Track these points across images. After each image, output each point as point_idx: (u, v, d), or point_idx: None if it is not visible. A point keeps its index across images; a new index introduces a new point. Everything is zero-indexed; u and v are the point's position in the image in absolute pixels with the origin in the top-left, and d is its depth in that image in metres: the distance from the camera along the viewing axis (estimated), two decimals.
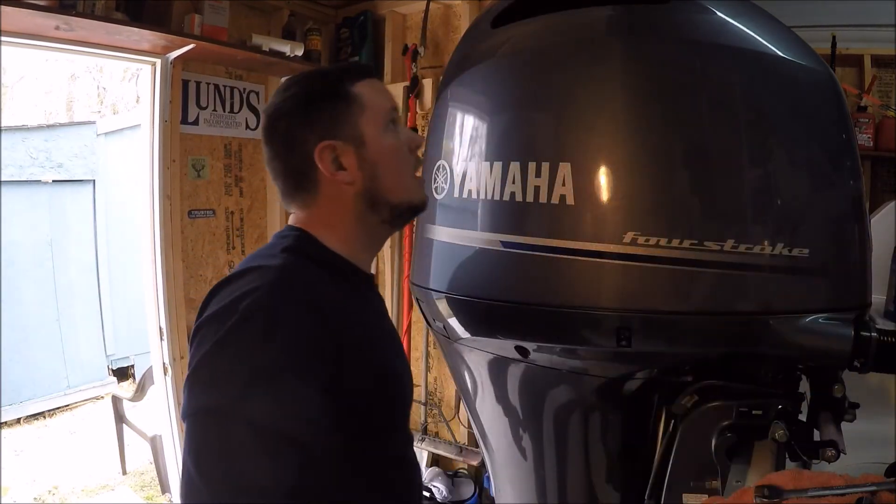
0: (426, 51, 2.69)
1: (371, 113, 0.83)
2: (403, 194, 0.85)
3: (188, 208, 2.51)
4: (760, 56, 0.83)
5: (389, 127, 0.84)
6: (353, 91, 0.83)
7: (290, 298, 0.71)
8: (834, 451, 0.74)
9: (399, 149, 0.85)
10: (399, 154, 0.85)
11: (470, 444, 2.71)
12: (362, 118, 0.83)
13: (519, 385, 1.03)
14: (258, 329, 0.67)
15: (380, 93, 0.86)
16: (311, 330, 0.70)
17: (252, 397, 0.65)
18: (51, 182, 4.70)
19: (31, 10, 1.80)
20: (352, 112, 0.82)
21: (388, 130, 0.84)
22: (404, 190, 0.85)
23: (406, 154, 0.86)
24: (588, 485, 1.03)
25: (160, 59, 2.34)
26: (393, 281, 2.89)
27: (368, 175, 0.83)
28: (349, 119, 0.82)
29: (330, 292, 0.78)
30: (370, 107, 0.83)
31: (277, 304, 0.70)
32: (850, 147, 0.86)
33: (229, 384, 0.66)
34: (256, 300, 0.69)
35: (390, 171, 0.84)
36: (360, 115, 0.83)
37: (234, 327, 0.68)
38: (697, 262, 0.77)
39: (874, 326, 0.78)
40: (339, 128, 0.82)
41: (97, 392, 4.79)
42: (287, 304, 0.70)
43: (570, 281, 0.83)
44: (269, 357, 0.67)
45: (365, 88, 0.84)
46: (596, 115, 0.84)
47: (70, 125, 4.99)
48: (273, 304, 0.70)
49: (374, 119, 0.83)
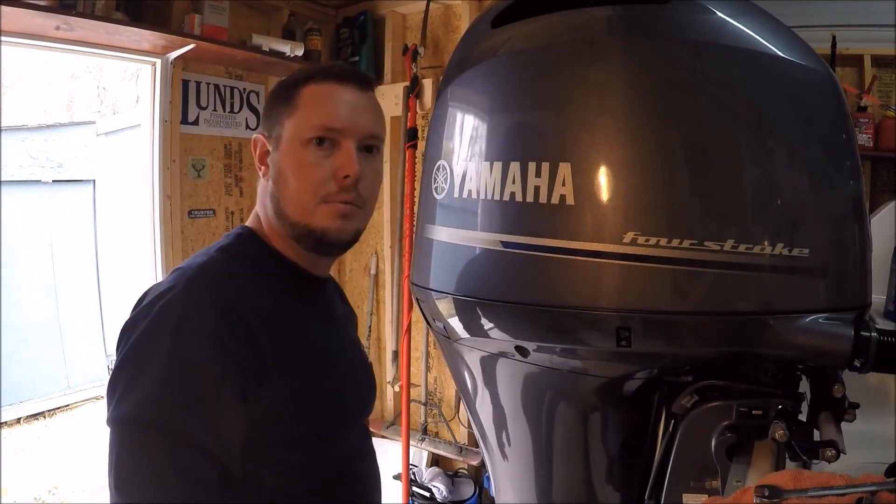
0: (426, 51, 2.70)
1: (296, 119, 0.79)
2: (301, 215, 0.79)
3: (188, 208, 2.51)
4: (760, 56, 0.83)
5: (310, 144, 0.78)
6: (299, 92, 0.80)
7: (201, 300, 0.68)
8: (834, 451, 0.74)
9: (307, 167, 0.77)
10: (305, 172, 0.78)
11: (470, 444, 2.72)
12: (288, 120, 0.79)
13: (519, 385, 1.03)
14: (169, 333, 0.65)
15: (324, 103, 0.79)
16: (223, 334, 0.66)
17: (164, 406, 0.63)
18: (51, 182, 4.70)
19: (31, 10, 1.80)
20: (284, 111, 0.80)
21: (308, 145, 0.78)
22: (302, 210, 0.78)
23: (316, 178, 0.78)
24: (588, 485, 1.03)
25: (160, 59, 2.34)
26: (393, 281, 2.89)
27: (273, 180, 0.80)
28: (280, 117, 0.80)
29: (254, 295, 0.74)
30: (299, 112, 0.79)
31: (189, 307, 0.67)
32: (850, 147, 0.86)
33: (138, 392, 0.64)
34: (169, 301, 0.68)
35: (290, 184, 0.78)
36: (287, 116, 0.80)
37: (145, 331, 0.66)
38: (697, 262, 0.77)
39: (874, 326, 0.78)
40: (271, 123, 0.81)
41: (97, 392, 4.78)
42: (198, 306, 0.68)
43: (569, 281, 0.83)
44: (179, 363, 0.64)
45: (312, 93, 0.80)
46: (596, 115, 0.84)
47: (70, 125, 5.00)
48: (185, 306, 0.67)
49: (295, 125, 0.79)
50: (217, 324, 0.67)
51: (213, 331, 0.66)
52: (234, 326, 0.68)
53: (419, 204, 1.08)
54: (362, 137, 0.81)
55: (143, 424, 0.63)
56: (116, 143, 4.74)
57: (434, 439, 2.86)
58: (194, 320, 0.66)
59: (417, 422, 2.90)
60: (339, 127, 0.79)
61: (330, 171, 0.78)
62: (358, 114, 0.81)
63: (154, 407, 0.63)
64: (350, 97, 0.81)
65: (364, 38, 2.90)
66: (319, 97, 0.79)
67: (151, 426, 0.63)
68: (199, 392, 0.64)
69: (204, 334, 0.66)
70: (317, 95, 0.80)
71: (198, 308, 0.68)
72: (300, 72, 0.83)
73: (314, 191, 0.78)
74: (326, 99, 0.80)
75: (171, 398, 0.63)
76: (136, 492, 0.62)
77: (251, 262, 0.79)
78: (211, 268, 0.75)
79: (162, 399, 0.63)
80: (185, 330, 0.65)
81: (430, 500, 2.67)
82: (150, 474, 0.62)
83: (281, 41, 2.57)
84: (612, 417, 0.99)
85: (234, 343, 0.67)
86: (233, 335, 0.67)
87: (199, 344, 0.65)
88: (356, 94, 0.82)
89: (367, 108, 0.83)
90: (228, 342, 0.66)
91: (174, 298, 0.68)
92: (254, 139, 0.83)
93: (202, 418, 0.64)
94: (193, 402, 0.64)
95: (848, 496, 0.55)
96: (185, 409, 0.63)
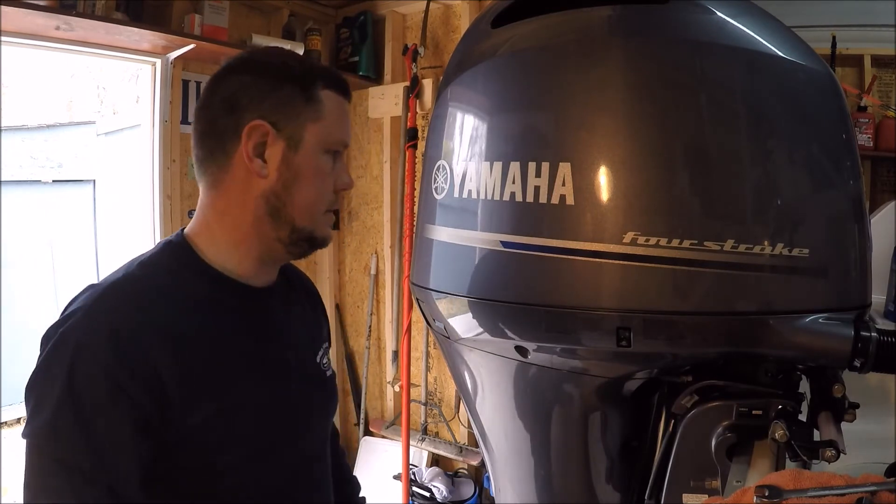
0: (426, 51, 2.70)
1: (323, 127, 0.77)
2: (308, 221, 0.79)
3: (188, 208, 2.51)
4: (760, 56, 0.83)
5: (328, 154, 0.79)
6: (320, 94, 0.77)
7: (100, 329, 0.66)
8: (834, 451, 0.73)
9: (325, 177, 0.79)
10: (323, 182, 0.79)
11: (470, 444, 2.72)
12: (313, 125, 0.77)
13: (519, 385, 1.03)
14: (65, 361, 0.64)
15: (342, 117, 0.81)
16: (117, 369, 0.65)
17: (60, 439, 0.64)
18: (51, 182, 4.69)
19: (31, 10, 1.80)
20: (306, 112, 0.76)
21: (326, 155, 0.79)
22: (311, 217, 0.79)
23: (328, 188, 0.80)
24: (588, 485, 1.03)
25: (160, 59, 2.34)
26: (393, 281, 2.89)
27: (284, 181, 0.76)
28: (299, 116, 0.76)
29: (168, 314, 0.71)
30: (326, 121, 0.78)
31: (85, 338, 0.66)
32: (850, 147, 0.86)
33: (40, 416, 0.65)
34: (69, 327, 0.67)
35: (307, 190, 0.77)
36: (311, 120, 0.77)
37: (47, 355, 0.67)
38: (697, 262, 0.77)
39: (874, 326, 0.78)
40: (285, 118, 0.75)
41: None
42: (96, 336, 0.66)
43: (570, 281, 0.83)
44: (73, 391, 0.64)
45: (332, 103, 0.79)
46: (596, 115, 0.84)
47: (70, 125, 4.99)
48: (81, 336, 0.66)
49: (321, 134, 0.77)
50: (112, 357, 0.65)
51: (107, 366, 0.65)
52: (130, 359, 0.66)
53: (419, 204, 1.08)
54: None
55: (43, 452, 0.65)
56: (116, 143, 4.74)
57: (434, 439, 2.86)
58: (89, 352, 0.65)
59: (417, 422, 2.90)
60: (348, 142, 0.83)
61: (332, 184, 0.81)
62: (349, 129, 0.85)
63: (52, 437, 0.64)
64: (348, 110, 0.85)
65: (364, 38, 2.90)
66: (338, 111, 0.81)
67: (50, 456, 0.64)
68: (93, 427, 0.64)
69: (97, 369, 0.65)
70: (336, 108, 0.80)
71: (95, 337, 0.66)
72: (309, 67, 0.80)
73: (324, 201, 0.81)
74: (343, 114, 0.82)
75: (66, 431, 0.64)
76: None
77: (172, 276, 0.76)
78: (122, 287, 0.73)
79: (59, 431, 0.64)
80: (78, 363, 0.65)
81: (430, 500, 2.67)
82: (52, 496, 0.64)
83: (281, 41, 2.57)
84: (612, 417, 0.99)
85: (128, 378, 0.65)
86: (128, 368, 0.66)
87: (92, 379, 0.65)
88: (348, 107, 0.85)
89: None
90: (122, 377, 0.65)
91: (73, 325, 0.67)
92: (251, 127, 0.74)
93: (97, 454, 0.64)
94: (88, 437, 0.64)
95: (848, 496, 0.55)
96: (79, 444, 0.64)
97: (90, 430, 0.64)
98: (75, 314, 0.69)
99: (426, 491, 2.68)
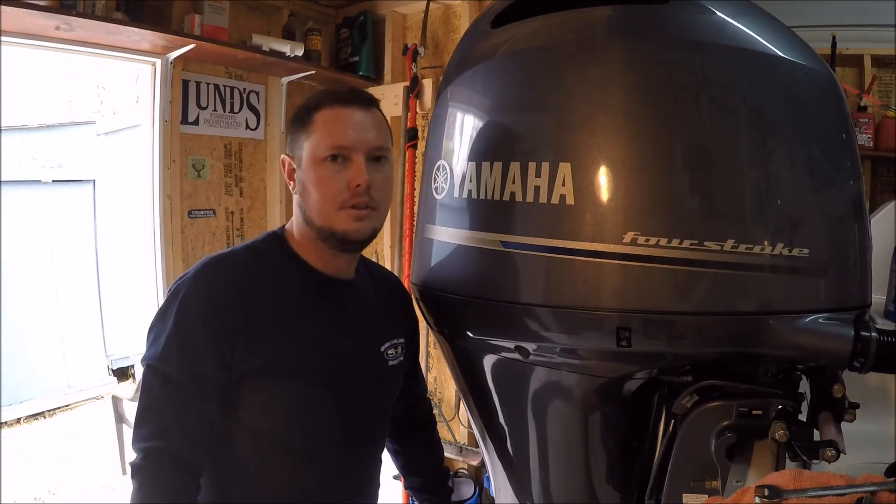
0: (426, 51, 2.69)
1: (312, 141, 0.93)
2: (324, 220, 0.93)
3: (188, 208, 2.51)
4: (760, 56, 0.83)
5: (328, 160, 0.91)
6: (313, 117, 0.93)
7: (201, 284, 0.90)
8: (834, 451, 0.74)
9: (327, 181, 0.92)
10: (324, 185, 0.92)
11: (470, 444, 2.72)
12: (306, 142, 0.93)
13: (519, 385, 1.03)
14: (174, 307, 0.88)
15: (333, 125, 0.92)
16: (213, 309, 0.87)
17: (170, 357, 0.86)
18: (51, 182, 4.70)
19: (31, 10, 1.80)
20: (302, 134, 0.94)
21: (324, 162, 0.91)
22: (324, 216, 0.93)
23: (334, 189, 0.91)
24: (588, 485, 1.03)
25: (160, 59, 2.33)
26: None
27: (300, 193, 0.96)
28: (299, 140, 0.95)
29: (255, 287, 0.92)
30: (315, 135, 0.92)
31: (192, 290, 0.89)
32: (850, 147, 0.86)
33: (156, 345, 0.87)
34: (182, 282, 0.90)
35: (313, 196, 0.93)
36: (305, 139, 0.94)
37: (166, 302, 0.90)
38: (697, 262, 0.77)
39: (874, 326, 0.78)
40: (294, 145, 0.96)
41: (97, 392, 4.78)
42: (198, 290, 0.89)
43: (570, 281, 0.83)
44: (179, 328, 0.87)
45: (324, 117, 0.93)
46: (596, 115, 0.84)
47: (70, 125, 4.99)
48: (189, 289, 0.89)
49: (311, 147, 0.93)
50: (207, 307, 0.88)
51: (203, 313, 0.88)
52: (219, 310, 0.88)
53: (419, 204, 1.08)
54: (370, 150, 0.94)
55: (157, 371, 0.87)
56: (116, 143, 4.74)
57: None
58: (191, 302, 0.88)
59: None
60: (347, 144, 0.92)
61: (345, 183, 0.91)
62: (364, 131, 0.93)
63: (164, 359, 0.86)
64: (356, 117, 0.94)
65: (364, 38, 2.89)
66: (330, 120, 0.93)
67: (161, 372, 0.86)
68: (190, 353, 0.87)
69: (196, 315, 0.88)
70: (328, 119, 0.93)
71: (196, 293, 0.89)
72: (313, 97, 0.96)
73: (332, 200, 0.92)
74: (336, 121, 0.93)
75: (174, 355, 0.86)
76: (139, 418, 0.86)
77: (265, 259, 0.97)
78: (226, 259, 0.95)
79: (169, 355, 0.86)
80: (184, 309, 0.88)
81: None
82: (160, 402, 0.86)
83: (281, 41, 2.56)
84: (612, 417, 0.99)
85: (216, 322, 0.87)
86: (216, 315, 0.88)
87: (192, 321, 0.87)
88: (361, 113, 0.94)
89: (372, 124, 0.95)
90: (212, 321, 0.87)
91: (185, 282, 0.90)
92: (281, 159, 0.99)
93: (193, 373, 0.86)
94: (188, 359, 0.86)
95: (848, 496, 0.55)
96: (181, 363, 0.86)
97: (188, 356, 0.86)
98: (188, 274, 0.92)
99: None
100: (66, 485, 3.50)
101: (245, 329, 0.88)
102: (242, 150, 2.76)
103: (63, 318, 4.71)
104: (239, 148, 2.75)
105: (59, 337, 4.68)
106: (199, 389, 0.86)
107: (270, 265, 0.96)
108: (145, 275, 2.45)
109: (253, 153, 2.79)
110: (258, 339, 0.89)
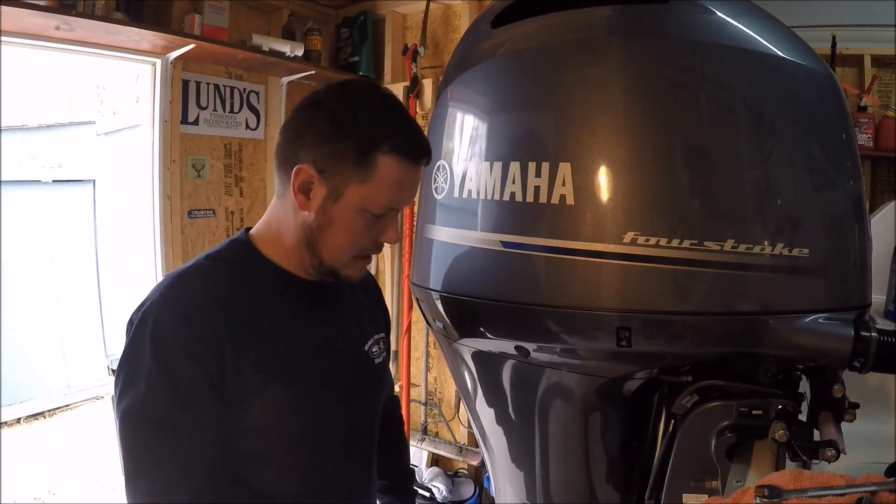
0: (426, 51, 2.70)
1: (367, 189, 0.79)
2: (336, 262, 0.86)
3: (188, 208, 2.51)
4: (760, 56, 0.83)
5: (367, 213, 0.81)
6: (376, 161, 0.78)
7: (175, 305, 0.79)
8: (834, 451, 0.74)
9: (358, 232, 0.83)
10: (354, 235, 0.83)
11: (470, 444, 2.72)
12: (357, 185, 0.79)
13: (519, 385, 1.03)
14: (148, 337, 0.76)
15: (398, 185, 0.80)
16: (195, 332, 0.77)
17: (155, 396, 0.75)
18: (51, 182, 4.69)
19: (31, 10, 1.80)
20: (354, 171, 0.79)
21: (366, 213, 0.81)
22: (338, 260, 0.85)
23: (361, 240, 0.84)
24: (588, 485, 1.03)
25: (160, 59, 2.33)
26: (393, 281, 2.89)
27: (319, 223, 0.82)
28: (347, 174, 0.79)
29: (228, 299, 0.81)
30: (373, 185, 0.79)
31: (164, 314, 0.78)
32: (850, 147, 0.86)
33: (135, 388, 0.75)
34: (148, 310, 0.79)
35: (337, 238, 0.83)
36: (357, 181, 0.79)
37: (132, 337, 0.79)
38: (697, 262, 0.77)
39: (874, 326, 0.78)
40: (332, 169, 0.79)
41: (97, 392, 4.77)
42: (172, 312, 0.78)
43: (570, 281, 0.83)
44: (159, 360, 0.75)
45: (390, 168, 0.79)
46: (596, 115, 0.84)
47: (70, 125, 4.99)
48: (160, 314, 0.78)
49: (363, 196, 0.80)
50: (187, 330, 0.78)
51: (184, 338, 0.77)
52: (200, 331, 0.78)
53: (419, 204, 1.08)
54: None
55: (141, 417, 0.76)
56: (116, 143, 4.74)
57: (434, 439, 2.86)
58: (167, 328, 0.77)
59: (417, 422, 2.90)
60: (399, 208, 0.85)
61: (374, 235, 0.84)
62: (414, 192, 0.86)
63: (149, 401, 0.75)
64: (417, 177, 0.84)
65: (364, 38, 2.89)
66: (396, 178, 0.80)
67: (147, 419, 0.76)
68: (179, 383, 0.76)
69: (176, 341, 0.77)
70: (394, 176, 0.80)
71: (171, 315, 0.78)
72: (382, 126, 0.79)
73: (355, 248, 0.85)
74: (401, 182, 0.81)
75: (160, 392, 0.75)
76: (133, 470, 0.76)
77: (235, 267, 0.87)
78: (191, 274, 0.85)
79: (155, 395, 0.75)
80: (160, 338, 0.77)
81: (430, 500, 2.66)
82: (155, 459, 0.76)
83: (281, 41, 2.56)
84: (612, 417, 0.99)
85: (201, 347, 0.77)
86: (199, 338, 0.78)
87: (174, 349, 0.77)
88: (420, 171, 0.84)
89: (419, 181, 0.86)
90: (196, 346, 0.77)
91: (151, 308, 0.79)
92: (298, 168, 0.79)
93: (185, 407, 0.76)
94: (176, 392, 0.76)
95: (848, 496, 0.55)
96: (170, 399, 0.76)
97: (181, 393, 0.76)
98: (151, 298, 0.81)
99: (426, 491, 2.68)
100: (66, 485, 3.50)
101: (233, 348, 0.78)
102: (242, 150, 2.76)
103: (63, 318, 4.71)
104: (239, 148, 2.75)
105: (59, 337, 4.68)
106: (201, 426, 0.77)
107: (245, 274, 0.86)
108: (145, 275, 2.45)
109: (253, 153, 2.79)
110: (248, 357, 0.80)
